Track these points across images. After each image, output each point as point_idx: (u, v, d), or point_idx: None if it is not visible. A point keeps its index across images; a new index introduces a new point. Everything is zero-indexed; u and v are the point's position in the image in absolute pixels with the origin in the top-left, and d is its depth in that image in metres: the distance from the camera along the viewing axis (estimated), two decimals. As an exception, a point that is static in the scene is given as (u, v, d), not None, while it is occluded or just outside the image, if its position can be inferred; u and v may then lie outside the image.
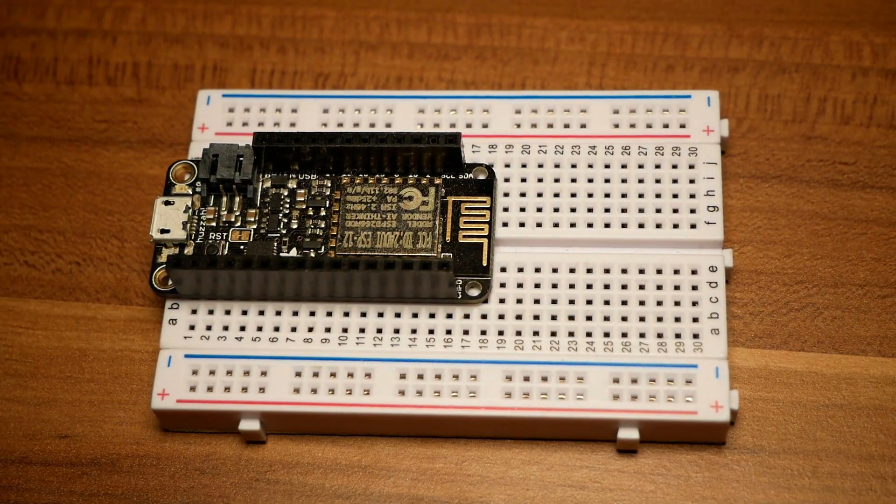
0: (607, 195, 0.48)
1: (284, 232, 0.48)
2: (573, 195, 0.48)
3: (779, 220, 0.49)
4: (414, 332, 0.46)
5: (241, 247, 0.47)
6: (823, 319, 0.48)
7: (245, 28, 0.54)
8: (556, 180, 0.48)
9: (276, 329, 0.47)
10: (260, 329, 0.47)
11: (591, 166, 0.48)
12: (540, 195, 0.48)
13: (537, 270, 0.47)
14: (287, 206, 0.48)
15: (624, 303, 0.46)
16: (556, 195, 0.48)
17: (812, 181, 0.50)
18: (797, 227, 0.49)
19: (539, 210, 0.48)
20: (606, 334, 0.46)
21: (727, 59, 0.52)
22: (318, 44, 0.54)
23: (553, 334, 0.46)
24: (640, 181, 0.48)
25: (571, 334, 0.46)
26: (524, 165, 0.48)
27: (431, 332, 0.46)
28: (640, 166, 0.48)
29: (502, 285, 0.47)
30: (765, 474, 0.45)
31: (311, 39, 0.54)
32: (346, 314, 0.47)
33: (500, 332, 0.46)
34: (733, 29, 0.53)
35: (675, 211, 0.47)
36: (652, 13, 0.54)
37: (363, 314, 0.47)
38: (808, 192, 0.50)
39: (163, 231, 0.48)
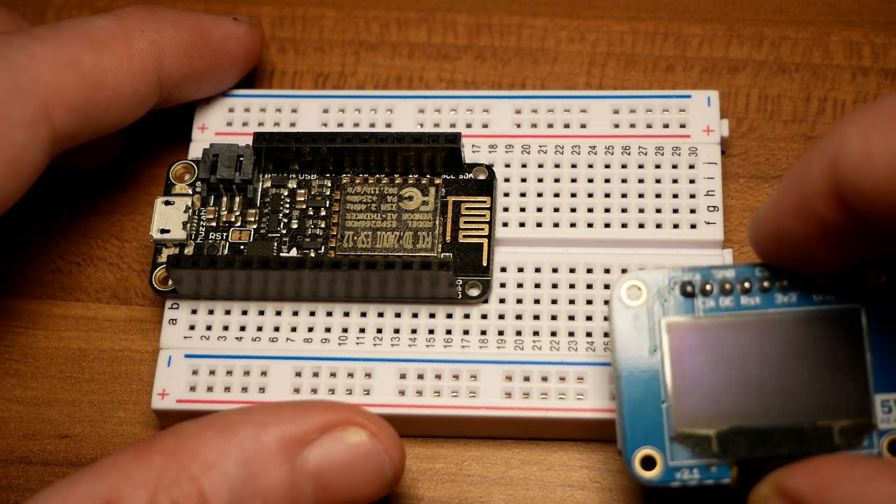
0: (607, 195, 0.48)
1: (284, 232, 0.48)
2: (573, 195, 0.48)
3: (779, 220, 0.49)
4: (414, 332, 0.46)
5: (241, 247, 0.47)
6: (823, 319, 0.48)
7: (245, 28, 0.54)
8: (557, 180, 0.48)
9: (276, 329, 0.47)
10: (260, 329, 0.47)
11: (591, 166, 0.48)
12: (540, 195, 0.48)
13: (537, 270, 0.47)
14: (287, 206, 0.48)
15: (624, 303, 0.46)
16: (556, 195, 0.48)
17: (812, 181, 0.50)
18: (797, 227, 0.49)
19: (539, 210, 0.48)
20: (606, 334, 0.46)
21: (727, 59, 0.52)
22: (318, 44, 0.54)
23: (553, 334, 0.46)
24: (640, 181, 0.48)
25: (571, 334, 0.46)
26: (524, 165, 0.48)
27: (431, 332, 0.46)
28: (640, 166, 0.48)
29: (502, 285, 0.47)
30: (765, 474, 0.45)
31: (311, 39, 0.54)
32: (346, 314, 0.47)
33: (500, 332, 0.46)
34: (733, 29, 0.53)
35: (676, 211, 0.47)
36: (652, 13, 0.54)
37: (363, 314, 0.47)
38: (808, 192, 0.50)
39: (163, 231, 0.48)
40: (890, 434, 0.40)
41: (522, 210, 0.48)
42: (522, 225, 0.47)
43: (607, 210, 0.47)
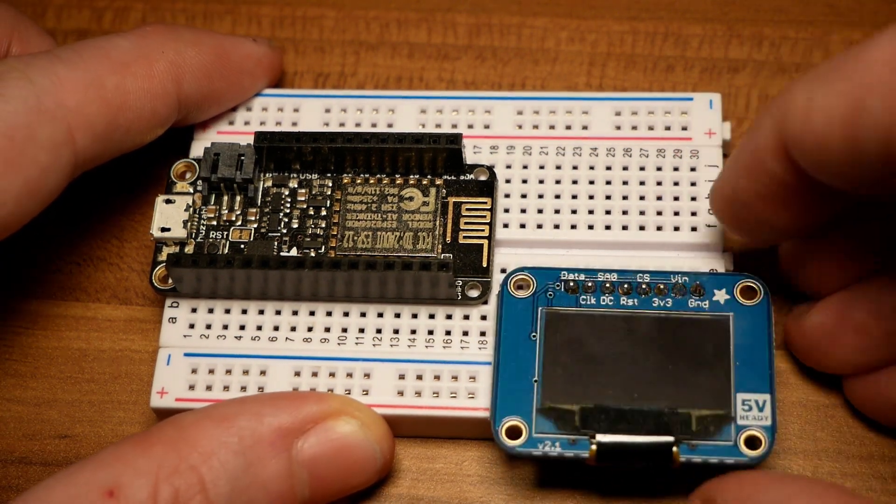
0: (608, 197, 0.48)
1: (285, 231, 0.48)
2: (574, 197, 0.48)
3: (778, 221, 0.49)
4: (413, 332, 0.46)
5: (242, 246, 0.47)
6: (823, 320, 0.48)
7: (245, 28, 0.54)
8: (558, 182, 0.48)
9: (276, 328, 0.47)
10: (259, 328, 0.47)
11: (592, 168, 0.48)
12: (541, 196, 0.48)
13: (538, 271, 0.47)
14: (288, 205, 0.48)
15: (624, 304, 0.46)
16: (557, 197, 0.48)
17: (812, 181, 0.50)
18: (797, 228, 0.49)
19: (540, 211, 0.48)
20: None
21: (727, 59, 0.52)
22: (318, 44, 0.54)
23: (553, 335, 0.46)
24: (642, 183, 0.48)
25: (571, 335, 0.46)
26: (525, 166, 0.48)
27: (431, 332, 0.46)
28: (642, 168, 0.48)
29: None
30: (764, 475, 0.45)
31: (311, 39, 0.54)
32: (346, 314, 0.47)
33: (501, 333, 0.46)
34: (733, 29, 0.53)
35: (676, 214, 0.47)
36: (652, 13, 0.54)
37: (363, 314, 0.47)
38: (808, 193, 0.50)
39: (163, 229, 0.48)
40: (748, 430, 0.43)
41: (523, 211, 0.48)
42: (523, 226, 0.47)
43: (608, 212, 0.47)
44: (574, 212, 0.47)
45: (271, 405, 0.42)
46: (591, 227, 0.47)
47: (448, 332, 0.46)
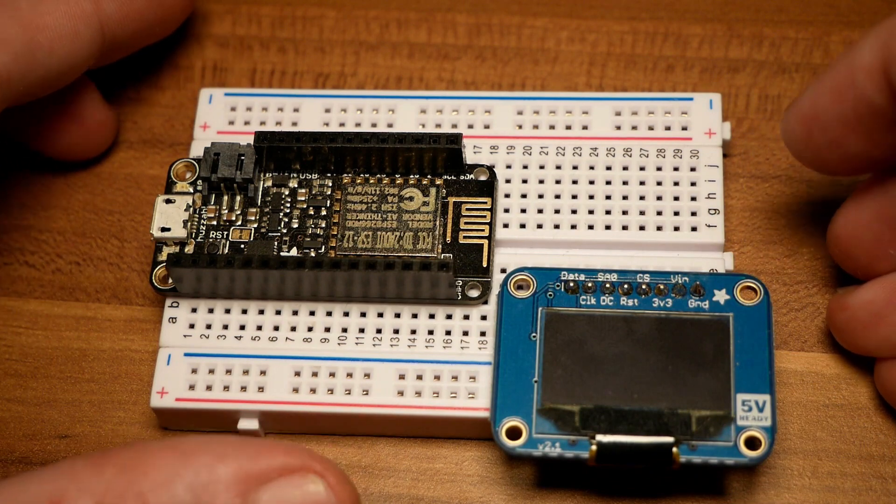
0: (608, 197, 0.48)
1: (285, 231, 0.48)
2: (574, 197, 0.48)
3: (779, 220, 0.49)
4: (413, 332, 0.46)
5: (242, 246, 0.47)
6: (823, 319, 0.48)
7: (245, 28, 0.54)
8: (558, 182, 0.48)
9: (276, 328, 0.47)
10: (259, 328, 0.47)
11: (592, 168, 0.48)
12: (541, 196, 0.48)
13: (538, 271, 0.47)
14: (288, 205, 0.48)
15: (624, 304, 0.46)
16: (557, 196, 0.48)
17: (812, 181, 0.50)
18: (797, 227, 0.49)
19: (540, 211, 0.48)
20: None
21: (727, 59, 0.52)
22: (318, 44, 0.54)
23: (553, 335, 0.46)
24: (642, 183, 0.48)
25: (571, 335, 0.46)
26: (525, 166, 0.48)
27: (431, 332, 0.46)
28: (642, 168, 0.48)
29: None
30: (765, 474, 0.45)
31: (311, 39, 0.54)
32: (346, 314, 0.47)
33: (501, 333, 0.46)
34: (733, 29, 0.53)
35: (676, 214, 0.47)
36: (652, 13, 0.54)
37: (363, 314, 0.47)
38: (808, 192, 0.50)
39: (163, 229, 0.48)
40: (747, 430, 0.43)
41: (523, 211, 0.48)
42: (523, 226, 0.47)
43: (608, 212, 0.47)
44: (574, 212, 0.47)
45: (236, 448, 0.40)
46: (591, 227, 0.47)
47: (448, 332, 0.46)
